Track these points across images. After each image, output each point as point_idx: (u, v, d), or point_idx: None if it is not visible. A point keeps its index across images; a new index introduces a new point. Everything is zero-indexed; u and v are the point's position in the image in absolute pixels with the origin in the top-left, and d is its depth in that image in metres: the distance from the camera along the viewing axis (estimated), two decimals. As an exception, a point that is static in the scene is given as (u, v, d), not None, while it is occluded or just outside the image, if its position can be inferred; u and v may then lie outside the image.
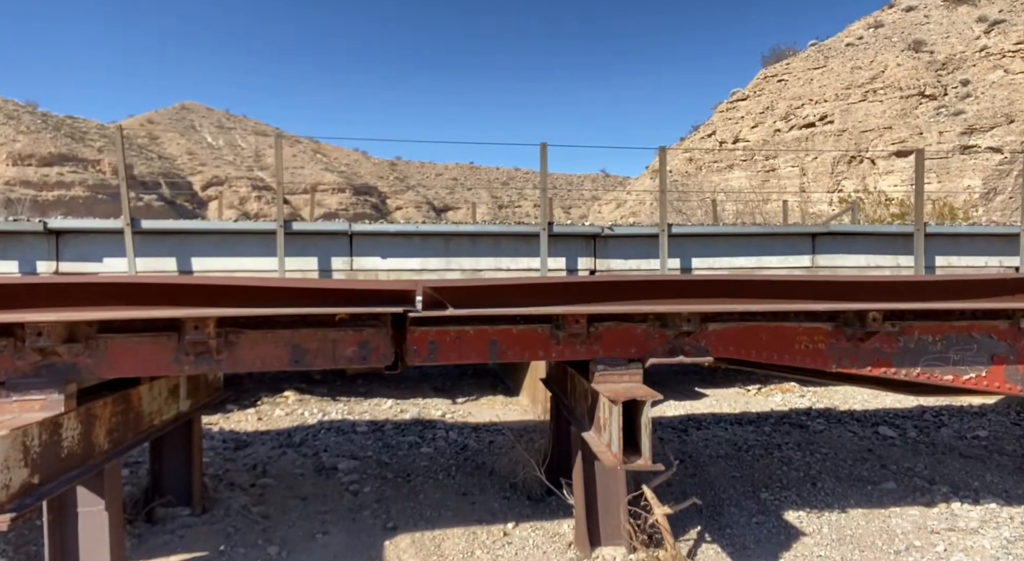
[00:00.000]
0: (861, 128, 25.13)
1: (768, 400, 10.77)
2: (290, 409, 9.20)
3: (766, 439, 8.28)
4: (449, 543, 5.05)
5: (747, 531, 5.49)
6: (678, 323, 4.19)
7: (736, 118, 30.37)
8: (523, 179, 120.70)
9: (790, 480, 6.73)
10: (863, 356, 4.51)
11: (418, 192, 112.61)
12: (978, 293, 4.33)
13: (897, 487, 6.52)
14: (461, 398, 10.44)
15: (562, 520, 5.46)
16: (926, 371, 4.58)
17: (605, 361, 4.27)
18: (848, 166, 25.13)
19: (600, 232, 8.99)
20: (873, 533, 5.45)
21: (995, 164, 21.83)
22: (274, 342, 3.87)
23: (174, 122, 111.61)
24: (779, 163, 27.23)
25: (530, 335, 4.22)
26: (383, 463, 6.93)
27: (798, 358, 4.49)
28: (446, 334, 4.12)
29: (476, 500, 5.92)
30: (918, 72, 24.81)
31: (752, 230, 9.55)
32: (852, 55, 27.50)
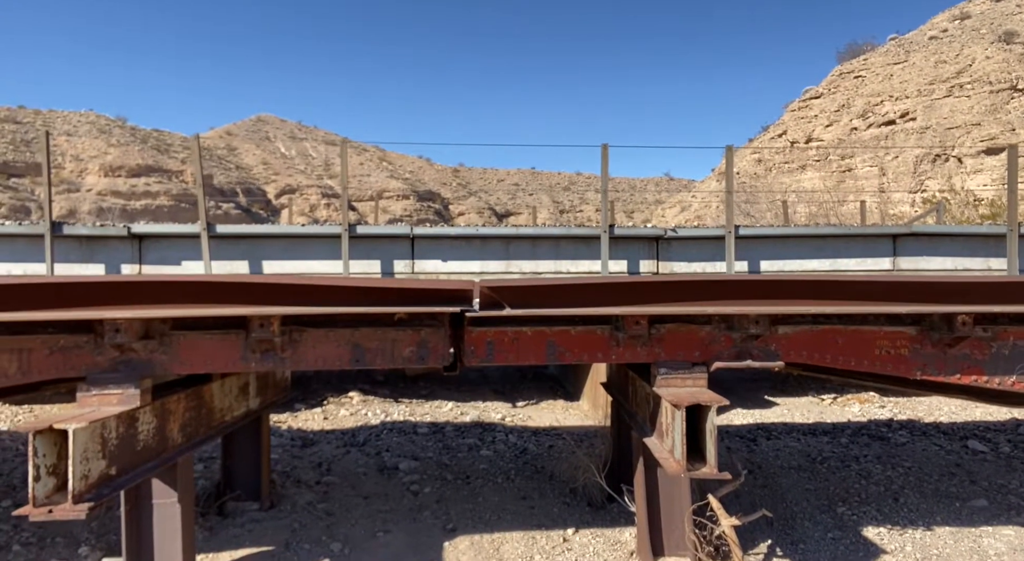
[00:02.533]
0: (946, 125, 23.68)
1: (845, 410, 10.24)
2: (354, 409, 9.39)
3: (843, 451, 7.85)
4: (508, 547, 5.00)
5: (821, 546, 5.20)
6: (745, 325, 4.01)
7: (809, 117, 29.21)
8: (585, 183, 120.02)
9: (869, 494, 6.35)
10: (951, 363, 4.20)
11: (480, 198, 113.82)
12: (1084, 295, 3.95)
13: (989, 505, 6.05)
14: (521, 402, 10.40)
15: (623, 528, 5.32)
16: (1021, 380, 4.22)
17: (667, 364, 4.13)
18: (932, 165, 23.70)
19: (663, 234, 8.77)
20: (962, 553, 5.07)
21: (1100, 160, 20.17)
22: (335, 341, 3.93)
23: (250, 134, 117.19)
24: (856, 163, 25.98)
25: (589, 336, 4.13)
26: (443, 464, 6.96)
27: (878, 364, 4.21)
28: (504, 335, 4.08)
29: (535, 504, 5.85)
30: (1009, 65, 23.18)
31: (826, 231, 9.10)
32: (936, 49, 25.98)
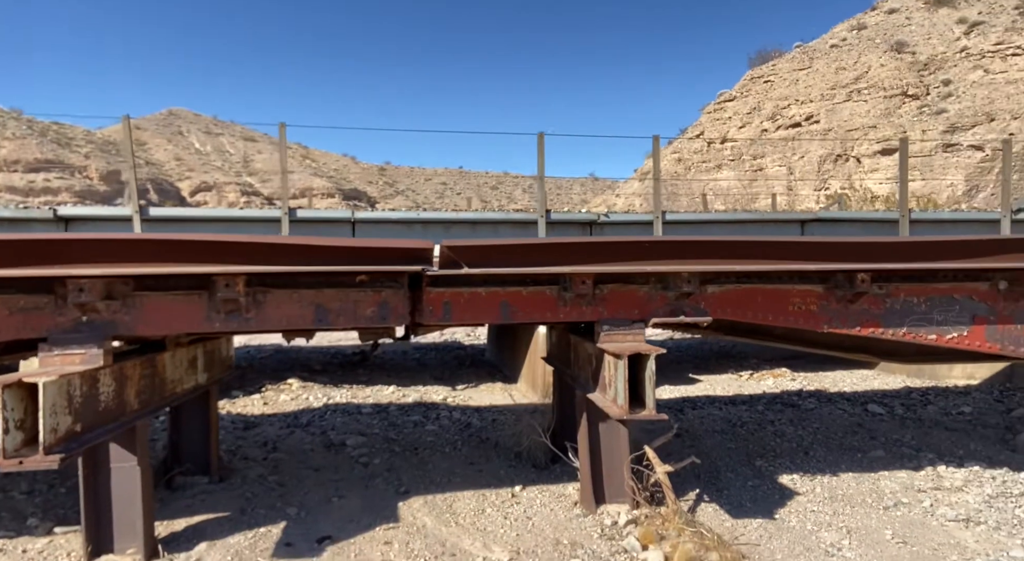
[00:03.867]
0: (846, 127, 25.64)
1: (760, 384, 11.05)
2: (295, 395, 9.37)
3: (759, 416, 8.55)
4: (460, 503, 5.25)
5: (743, 493, 5.74)
6: (679, 284, 4.43)
7: (724, 119, 30.84)
8: (512, 183, 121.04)
9: (783, 450, 7.00)
10: (852, 317, 4.78)
11: (407, 196, 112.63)
12: (959, 255, 4.61)
13: (885, 454, 6.80)
14: (460, 385, 10.64)
15: (567, 483, 5.68)
16: (911, 331, 4.85)
17: (610, 321, 4.51)
18: (834, 164, 25.61)
19: (596, 219, 9.25)
20: (863, 492, 5.72)
21: (977, 162, 22.36)
22: (299, 302, 4.08)
23: (161, 128, 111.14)
24: (767, 162, 27.69)
25: (539, 296, 4.45)
26: (390, 439, 7.12)
27: (792, 319, 4.75)
28: (460, 295, 4.34)
29: (483, 468, 6.13)
30: (901, 72, 25.37)
31: (743, 217, 9.84)
32: (836, 56, 28.07)
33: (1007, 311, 4.82)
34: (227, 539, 4.50)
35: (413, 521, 4.92)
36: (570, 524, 4.91)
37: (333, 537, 4.59)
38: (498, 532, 4.75)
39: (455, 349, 14.31)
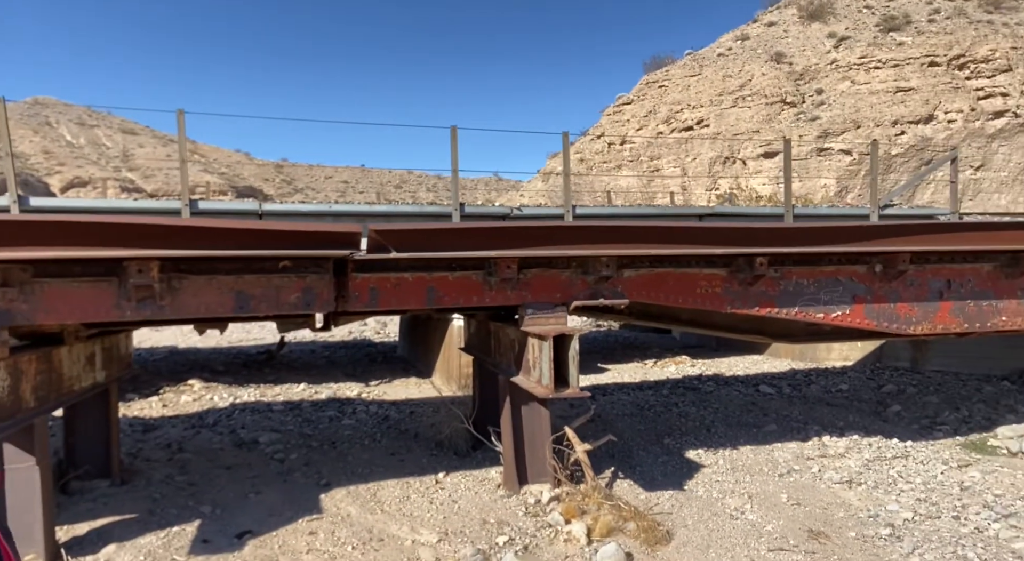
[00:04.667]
0: (733, 131, 27.39)
1: (664, 370, 11.65)
2: (197, 396, 8.89)
3: (665, 400, 9.03)
4: (385, 492, 5.23)
5: (655, 468, 6.08)
6: (598, 268, 4.64)
7: (622, 121, 32.03)
8: (416, 182, 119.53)
9: (688, 429, 7.45)
10: (752, 298, 5.19)
11: (307, 194, 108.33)
12: (843, 240, 5.12)
13: (778, 428, 7.39)
14: (374, 381, 10.49)
15: (489, 468, 5.78)
16: (803, 310, 5.33)
17: (534, 305, 4.65)
18: (723, 166, 27.30)
19: (509, 212, 9.41)
20: (760, 462, 6.21)
21: (846, 164, 24.59)
22: (218, 288, 3.93)
23: (26, 118, 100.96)
24: (663, 163, 29.06)
25: (465, 281, 4.51)
26: (306, 435, 6.94)
27: (699, 301, 5.08)
28: (387, 281, 4.33)
29: (405, 458, 6.12)
30: (780, 81, 27.42)
31: (647, 211, 10.36)
32: (723, 64, 29.90)
33: (882, 291, 5.40)
34: (137, 540, 4.25)
35: (337, 511, 4.85)
36: (495, 505, 5.02)
37: (254, 531, 4.45)
38: (425, 516, 4.78)
39: (366, 346, 14.07)
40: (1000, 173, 24.31)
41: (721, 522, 4.74)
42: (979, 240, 5.37)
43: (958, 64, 25.25)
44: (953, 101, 24.44)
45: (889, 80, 25.40)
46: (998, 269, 5.52)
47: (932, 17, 27.86)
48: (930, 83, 24.89)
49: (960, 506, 4.89)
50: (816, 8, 30.51)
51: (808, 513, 4.91)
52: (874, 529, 4.51)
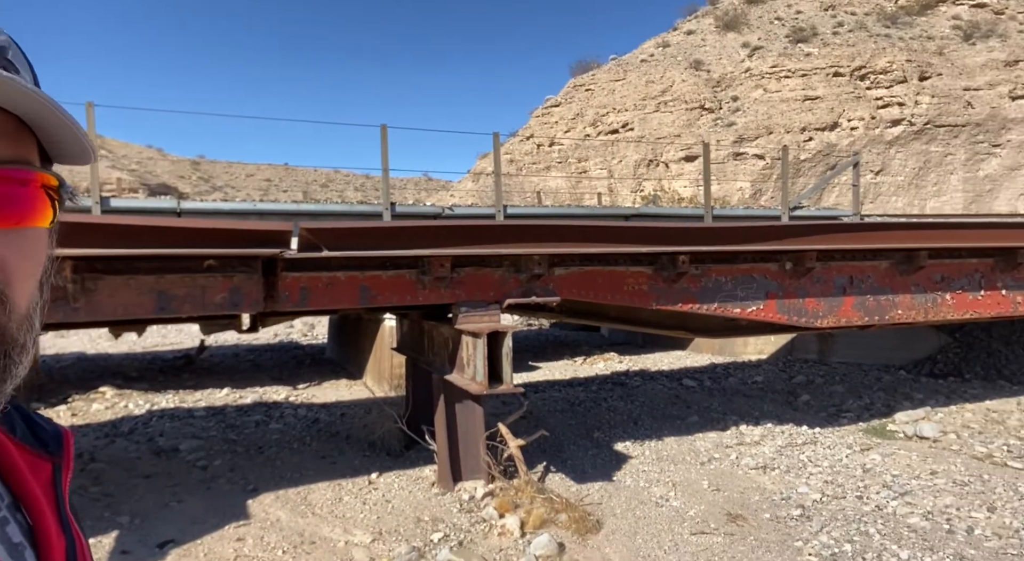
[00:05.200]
0: (656, 135, 28.32)
1: (593, 367, 11.94)
2: (110, 403, 8.42)
3: (594, 395, 9.27)
4: (316, 495, 5.14)
5: (585, 461, 6.25)
6: (530, 267, 4.74)
7: (551, 123, 32.51)
8: (343, 181, 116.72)
9: (616, 422, 7.69)
10: (675, 295, 5.43)
11: (226, 193, 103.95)
12: (757, 239, 5.44)
13: (699, 419, 7.74)
14: (302, 385, 10.24)
15: (423, 467, 5.79)
16: (721, 306, 5.62)
17: (468, 304, 4.70)
18: (647, 169, 28.18)
19: (441, 212, 9.41)
20: (684, 452, 6.49)
21: (759, 168, 25.92)
22: (137, 289, 3.77)
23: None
24: (590, 165, 29.70)
25: (399, 280, 4.51)
26: (230, 440, 6.72)
27: (627, 298, 5.27)
28: (318, 280, 4.28)
29: (336, 460, 6.03)
30: (699, 88, 28.57)
31: (577, 211, 10.59)
32: (646, 70, 30.86)
33: (792, 287, 5.76)
34: (49, 557, 4.01)
35: (266, 516, 4.74)
36: (430, 503, 5.03)
37: (176, 540, 4.29)
38: (358, 517, 4.74)
39: (293, 349, 13.69)
40: (897, 177, 26.23)
41: (648, 510, 4.94)
42: (877, 239, 5.82)
43: (860, 75, 27.07)
44: (855, 109, 26.17)
45: (798, 89, 26.93)
46: (894, 266, 6.00)
47: (836, 30, 29.74)
48: (835, 92, 26.56)
49: (863, 486, 5.28)
50: (731, 19, 31.97)
51: (727, 498, 5.18)
52: (786, 510, 4.82)
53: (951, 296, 6.18)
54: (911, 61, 26.98)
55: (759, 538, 4.33)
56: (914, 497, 4.98)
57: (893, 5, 31.56)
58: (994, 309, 6.39)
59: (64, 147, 0.58)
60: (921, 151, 26.11)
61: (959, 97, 26.36)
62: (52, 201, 0.57)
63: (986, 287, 6.29)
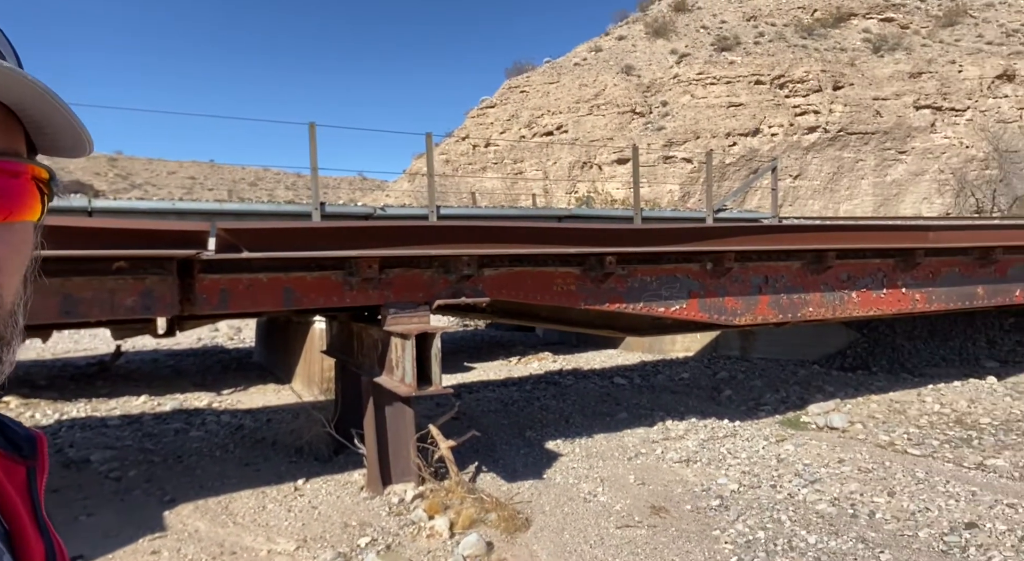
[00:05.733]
0: (590, 138, 28.84)
1: (527, 367, 12.04)
2: (14, 413, 7.88)
3: (528, 395, 9.36)
4: (238, 503, 4.99)
5: (517, 460, 6.31)
6: (460, 267, 4.75)
7: (487, 124, 32.58)
8: (273, 180, 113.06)
9: (548, 421, 7.79)
10: (603, 295, 5.56)
11: (146, 191, 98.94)
12: (680, 240, 5.63)
13: (628, 416, 7.94)
14: (227, 390, 9.89)
15: (352, 471, 5.70)
16: (647, 305, 5.79)
17: (396, 305, 4.67)
18: (582, 170, 28.67)
19: (373, 213, 9.29)
20: (612, 448, 6.65)
21: (688, 172, 26.82)
22: (39, 292, 3.54)
23: None
24: (526, 166, 29.95)
25: (324, 282, 4.44)
26: (147, 450, 6.42)
27: (556, 298, 5.36)
28: (238, 282, 4.15)
29: (261, 467, 5.87)
30: (630, 93, 29.29)
31: (511, 213, 10.67)
32: (579, 74, 31.38)
33: (713, 286, 6.00)
34: (-60, 581, 3.73)
35: (183, 527, 4.56)
36: (358, 507, 4.97)
37: (86, 556, 4.07)
38: (282, 525, 4.63)
39: (217, 353, 13.20)
40: (813, 182, 27.66)
41: (576, 506, 5.04)
42: (790, 241, 6.13)
43: (779, 83, 28.39)
44: (775, 116, 27.44)
45: (723, 95, 28.00)
46: (805, 266, 6.33)
47: (758, 40, 31.09)
48: (756, 99, 27.76)
49: (777, 476, 5.56)
50: (660, 26, 32.91)
51: (652, 491, 5.34)
52: (706, 501, 5.01)
53: (857, 294, 6.58)
54: (826, 71, 28.51)
55: (680, 529, 4.50)
56: (823, 484, 5.28)
57: (809, 17, 33.28)
58: (895, 306, 6.84)
59: (56, 138, 0.55)
60: (835, 157, 27.64)
61: (869, 106, 28.06)
62: (42, 195, 0.55)
63: (888, 286, 6.73)
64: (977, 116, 28.36)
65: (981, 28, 33.05)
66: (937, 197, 27.65)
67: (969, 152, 27.50)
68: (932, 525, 4.42)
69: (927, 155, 28.03)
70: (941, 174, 27.47)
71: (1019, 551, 3.95)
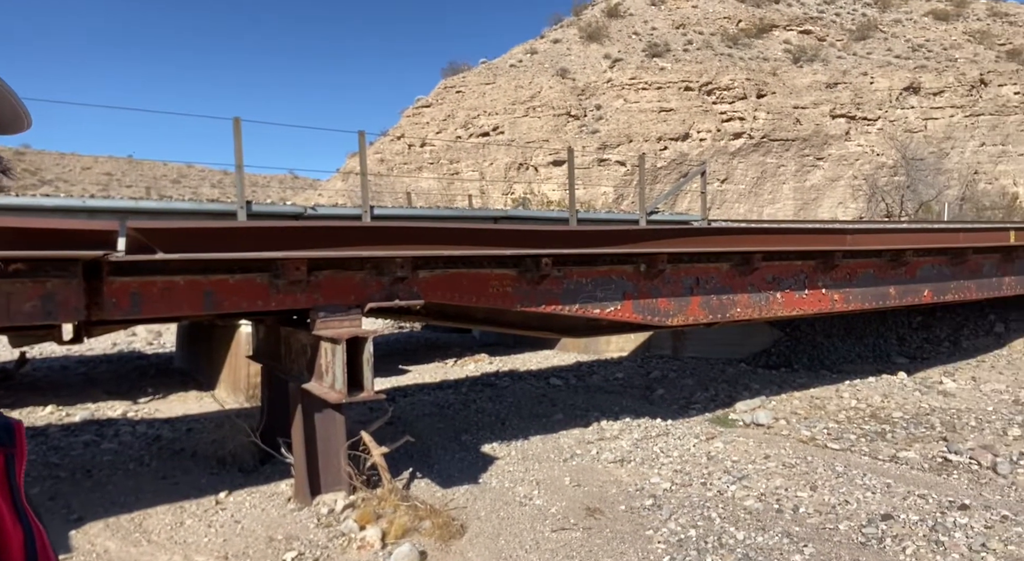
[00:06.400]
0: (526, 139, 28.98)
1: (464, 369, 11.94)
2: None
3: (464, 397, 9.27)
4: (153, 520, 4.69)
5: (452, 465, 6.21)
6: (393, 269, 4.62)
7: (422, 123, 32.23)
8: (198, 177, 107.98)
9: (484, 424, 7.72)
10: (539, 296, 5.53)
11: (58, 187, 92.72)
12: (614, 242, 5.68)
13: (564, 417, 7.97)
14: (144, 398, 9.35)
15: (279, 482, 5.47)
16: (582, 307, 5.81)
17: (326, 308, 4.49)
18: (518, 172, 28.77)
19: (303, 212, 8.97)
20: (548, 450, 6.64)
21: (621, 174, 27.35)
22: (-80, 296, 3.22)
23: None
24: (462, 167, 29.80)
25: (248, 284, 4.22)
26: (52, 464, 5.96)
27: (492, 300, 5.30)
28: (152, 285, 3.89)
29: (180, 481, 5.54)
30: (565, 95, 29.62)
31: (446, 213, 10.54)
32: (515, 75, 31.49)
33: (646, 288, 6.08)
34: None
35: (91, 548, 4.24)
36: (284, 520, 4.76)
37: (-21, 588, 3.71)
38: (201, 542, 4.37)
39: (134, 359, 12.47)
40: (739, 186, 28.73)
41: (511, 510, 4.99)
42: (720, 243, 6.29)
43: (707, 90, 29.35)
44: (704, 122, 28.35)
45: (654, 101, 28.71)
46: (734, 268, 6.52)
47: (687, 47, 32.05)
48: (686, 105, 28.61)
49: (707, 474, 5.68)
50: (594, 30, 33.44)
51: (587, 492, 5.36)
52: (640, 501, 5.07)
53: (781, 295, 6.83)
54: (750, 80, 29.68)
55: (614, 530, 4.52)
56: (750, 481, 5.43)
57: (735, 27, 34.57)
58: (816, 306, 7.14)
59: None
60: (759, 162, 28.81)
61: (790, 114, 29.39)
62: None
63: (809, 286, 7.01)
64: (887, 125, 30.18)
65: (890, 42, 35.23)
66: (852, 202, 29.25)
67: (880, 159, 29.22)
68: (851, 518, 4.61)
69: (842, 162, 29.60)
70: (855, 180, 29.09)
71: (931, 541, 4.17)
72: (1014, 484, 5.23)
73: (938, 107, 31.04)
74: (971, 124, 31.03)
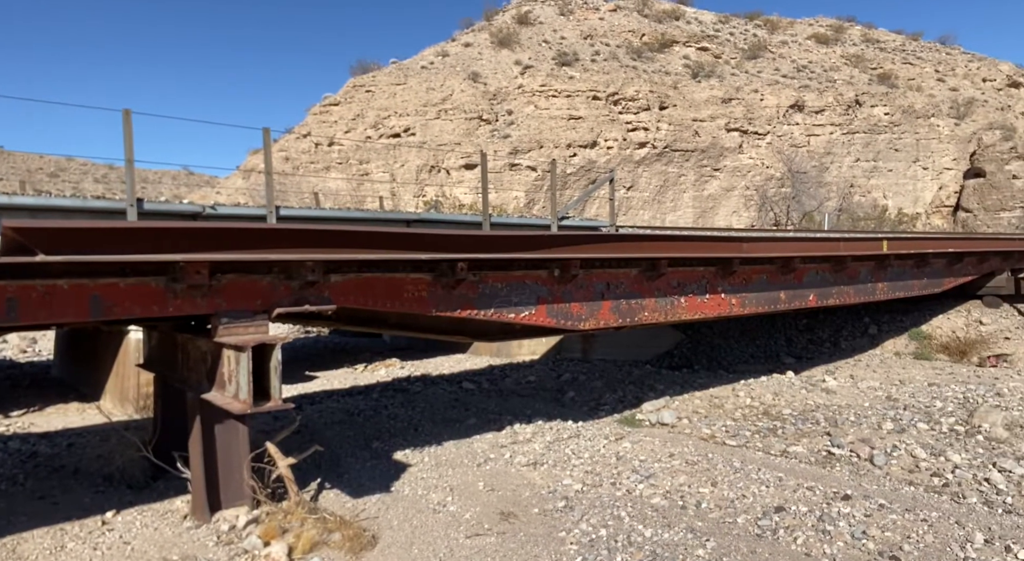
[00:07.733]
0: (438, 142, 28.81)
1: (374, 374, 11.69)
2: None
3: (375, 403, 9.07)
4: (29, 545, 4.27)
5: (363, 473, 6.06)
6: (303, 273, 4.45)
7: (330, 122, 31.32)
8: (79, 171, 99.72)
9: (396, 430, 7.59)
10: (454, 301, 5.50)
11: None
12: (530, 247, 5.74)
13: (477, 421, 7.97)
14: (17, 411, 8.52)
15: (174, 498, 5.13)
16: (497, 311, 5.83)
17: (230, 314, 4.26)
18: (429, 174, 28.53)
19: (202, 211, 8.47)
20: (462, 455, 6.62)
21: (532, 179, 27.74)
22: None
23: None
24: (372, 167, 29.20)
25: (142, 288, 3.93)
26: (-96, 491, 5.31)
27: (407, 305, 5.22)
28: (31, 289, 3.55)
29: (59, 500, 5.09)
30: (476, 99, 29.70)
31: (357, 215, 10.27)
32: (427, 77, 31.24)
33: (559, 292, 6.19)
34: None
35: (-44, 584, 3.81)
36: (180, 539, 4.47)
37: None
38: (87, 568, 4.03)
39: (6, 368, 11.32)
40: (644, 193, 29.88)
41: (425, 518, 4.93)
42: (630, 249, 6.50)
43: (614, 100, 30.34)
44: (611, 131, 29.28)
45: (564, 108, 29.36)
46: (642, 273, 6.76)
47: (594, 58, 33.00)
48: (594, 114, 29.44)
49: (616, 474, 5.85)
50: (504, 36, 33.78)
51: (501, 497, 5.38)
52: (552, 503, 5.14)
53: (684, 299, 7.15)
54: (653, 92, 30.95)
55: (528, 533, 4.56)
56: (656, 479, 5.64)
57: (639, 41, 35.97)
58: (716, 310, 7.53)
59: None
60: (662, 171, 30.09)
61: (689, 126, 30.89)
62: None
63: (710, 291, 7.39)
64: (775, 140, 32.35)
65: (778, 62, 37.82)
66: (744, 211, 31.12)
67: (769, 172, 31.27)
68: (748, 511, 4.88)
69: (736, 173, 31.45)
70: (747, 190, 30.99)
71: (818, 530, 4.49)
72: (888, 475, 5.73)
73: (819, 124, 33.63)
74: (847, 141, 33.84)
